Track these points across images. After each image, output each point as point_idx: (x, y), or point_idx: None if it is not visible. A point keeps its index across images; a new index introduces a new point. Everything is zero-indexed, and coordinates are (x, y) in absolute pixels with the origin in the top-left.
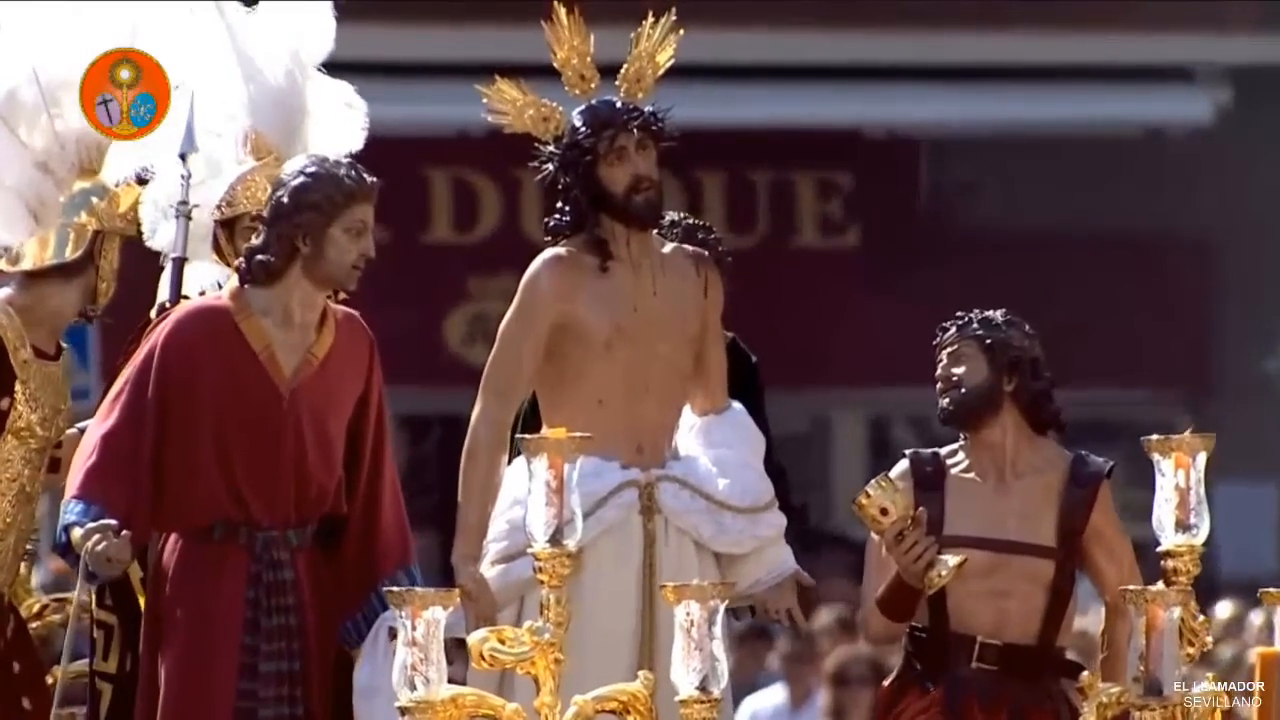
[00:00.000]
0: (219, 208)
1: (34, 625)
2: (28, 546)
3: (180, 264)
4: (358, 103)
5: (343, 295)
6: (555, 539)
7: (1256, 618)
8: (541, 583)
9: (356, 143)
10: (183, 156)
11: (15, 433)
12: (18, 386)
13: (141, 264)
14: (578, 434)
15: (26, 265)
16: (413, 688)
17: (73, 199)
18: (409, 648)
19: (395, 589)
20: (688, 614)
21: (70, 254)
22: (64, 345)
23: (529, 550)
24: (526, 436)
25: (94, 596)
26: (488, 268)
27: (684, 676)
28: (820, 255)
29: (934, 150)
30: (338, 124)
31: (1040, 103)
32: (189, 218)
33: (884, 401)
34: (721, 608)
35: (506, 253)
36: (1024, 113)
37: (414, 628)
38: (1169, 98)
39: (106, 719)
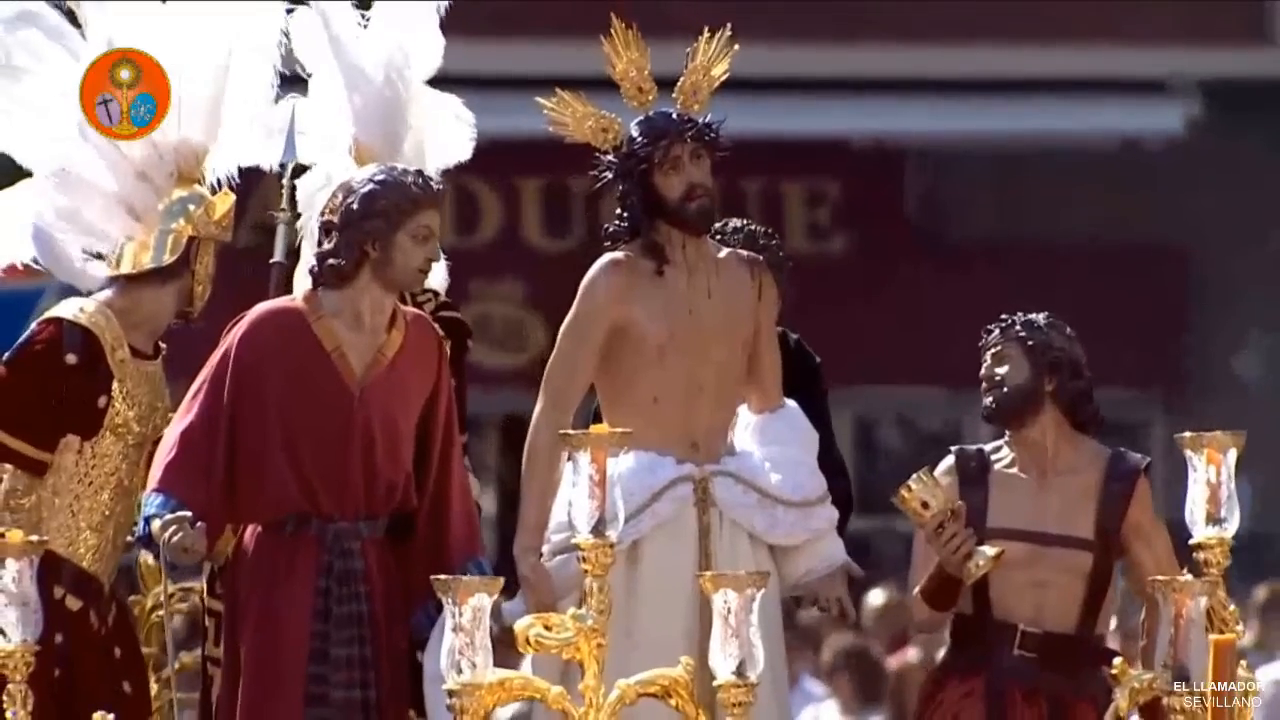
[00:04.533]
0: (323, 213)
1: (160, 613)
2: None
3: (281, 269)
4: (466, 115)
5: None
6: (598, 529)
7: None
8: (585, 572)
9: (466, 153)
10: (283, 166)
11: (113, 429)
12: (115, 385)
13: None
14: (620, 429)
15: (125, 269)
16: (459, 671)
17: (170, 206)
18: (456, 633)
19: (443, 577)
20: (725, 602)
21: (167, 258)
22: (162, 345)
23: (572, 540)
24: (570, 432)
25: (205, 585)
26: (488, 272)
27: (721, 662)
28: (808, 260)
29: (919, 160)
30: (448, 135)
31: (1020, 114)
32: (290, 224)
33: (870, 402)
34: (758, 596)
35: (506, 258)
36: (1004, 124)
37: (460, 614)
38: (1143, 109)
39: (218, 702)
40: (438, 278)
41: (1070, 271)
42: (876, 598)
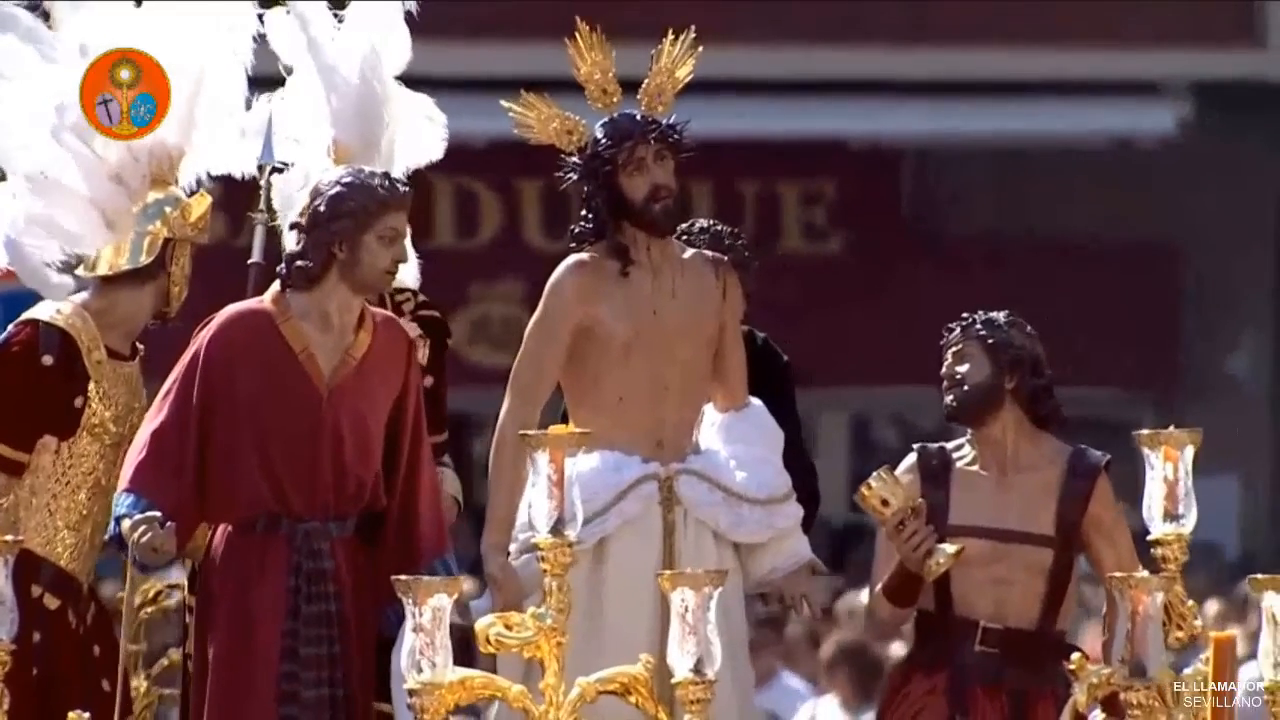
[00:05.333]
0: (301, 214)
1: (149, 609)
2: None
3: (260, 270)
4: (438, 115)
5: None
6: (557, 529)
7: (1211, 608)
8: (544, 571)
9: (437, 153)
10: (260, 167)
11: (90, 429)
12: (91, 386)
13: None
14: (578, 430)
15: (102, 270)
16: (420, 671)
17: (146, 209)
18: (416, 633)
19: (404, 577)
20: (682, 600)
21: (144, 260)
22: (139, 346)
23: (532, 539)
24: (529, 433)
25: (187, 583)
26: (488, 273)
27: (679, 659)
28: (805, 260)
29: (915, 160)
30: (419, 136)
31: (1015, 115)
32: (267, 225)
33: (865, 401)
34: (716, 594)
35: (506, 259)
36: (999, 124)
37: (420, 614)
38: (1136, 111)
39: (191, 702)
40: (412, 275)
41: (1064, 271)
42: (868, 596)
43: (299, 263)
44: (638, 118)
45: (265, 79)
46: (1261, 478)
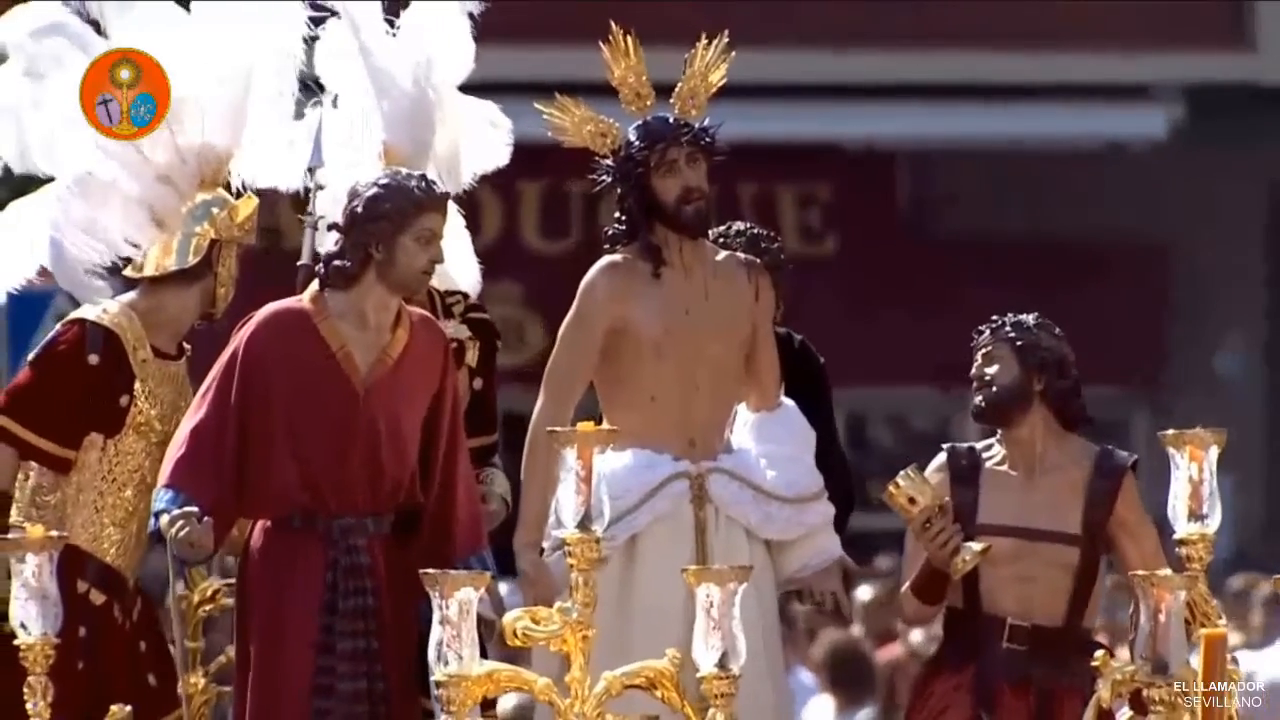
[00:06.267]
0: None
1: (208, 607)
2: None
3: (308, 271)
4: (502, 121)
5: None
6: (583, 525)
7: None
8: (571, 566)
9: (503, 159)
10: (311, 170)
11: (136, 428)
12: (137, 385)
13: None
14: (606, 427)
15: (149, 271)
16: (446, 663)
17: (194, 210)
18: (442, 626)
19: (432, 570)
20: (707, 595)
21: (190, 261)
22: (186, 346)
23: (559, 534)
24: (557, 430)
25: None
26: (488, 274)
27: (704, 654)
28: (800, 261)
29: (909, 163)
30: (483, 142)
31: (1009, 118)
32: (315, 228)
33: (861, 400)
34: (740, 589)
35: (506, 260)
36: (993, 128)
37: (446, 607)
38: (1127, 114)
39: (234, 696)
40: (470, 280)
41: (1057, 272)
42: (864, 593)
43: (336, 263)
44: (670, 120)
45: (316, 83)
46: (1255, 477)
